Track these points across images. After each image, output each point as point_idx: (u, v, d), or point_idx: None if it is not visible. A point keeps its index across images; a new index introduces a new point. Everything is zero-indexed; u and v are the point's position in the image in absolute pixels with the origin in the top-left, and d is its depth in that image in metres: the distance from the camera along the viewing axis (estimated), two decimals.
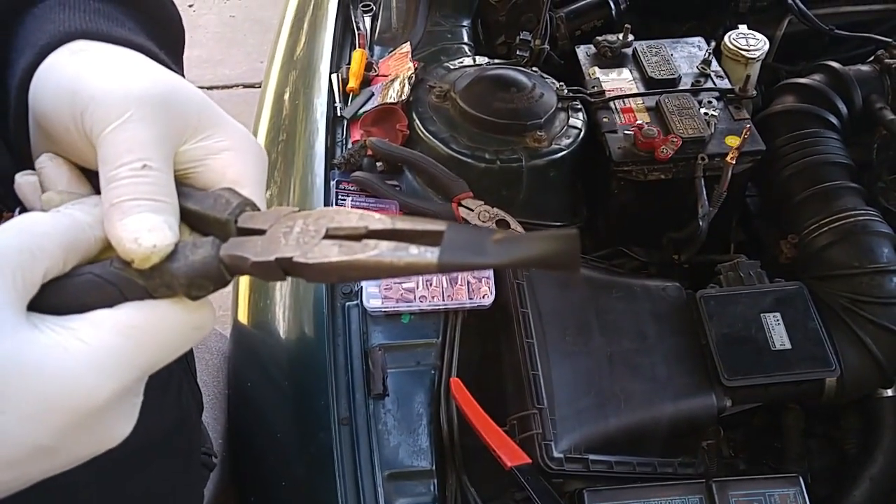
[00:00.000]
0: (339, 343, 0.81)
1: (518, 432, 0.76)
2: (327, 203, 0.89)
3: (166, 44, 0.45)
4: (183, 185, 0.37)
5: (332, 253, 0.31)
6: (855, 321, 0.83)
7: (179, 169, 0.37)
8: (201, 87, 0.39)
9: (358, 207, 0.89)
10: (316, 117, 1.02)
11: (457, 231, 0.31)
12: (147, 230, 0.32)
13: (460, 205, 0.89)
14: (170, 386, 0.60)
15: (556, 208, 0.98)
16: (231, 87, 2.76)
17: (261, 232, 0.33)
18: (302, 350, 0.83)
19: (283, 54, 1.21)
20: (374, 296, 0.82)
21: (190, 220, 0.36)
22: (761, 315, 0.83)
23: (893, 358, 0.84)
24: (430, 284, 0.83)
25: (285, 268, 0.32)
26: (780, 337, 0.82)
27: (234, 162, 0.37)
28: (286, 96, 1.12)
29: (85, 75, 0.35)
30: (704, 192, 0.91)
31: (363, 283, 0.83)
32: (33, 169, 0.38)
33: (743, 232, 1.07)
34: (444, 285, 0.83)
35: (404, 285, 0.84)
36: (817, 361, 0.81)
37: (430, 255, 0.30)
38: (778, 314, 0.83)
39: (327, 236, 0.32)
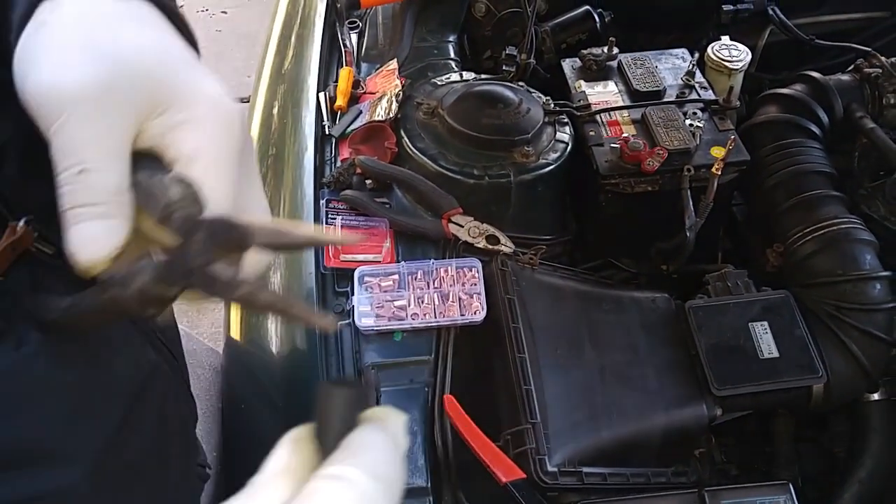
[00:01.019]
0: (333, 362, 0.81)
1: (512, 447, 0.77)
2: (317, 222, 0.90)
3: None
4: (158, 161, 0.37)
5: (210, 287, 0.35)
6: (840, 328, 0.85)
7: (145, 147, 0.36)
8: None
9: (348, 227, 0.90)
10: (304, 133, 1.03)
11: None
12: (83, 244, 0.33)
13: (450, 221, 0.90)
14: (167, 393, 0.60)
15: (545, 222, 0.99)
16: None
17: (178, 253, 0.35)
18: (295, 369, 0.84)
19: (272, 69, 1.22)
20: (365, 315, 0.83)
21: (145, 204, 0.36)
22: (749, 324, 0.85)
23: (878, 363, 0.85)
24: (422, 302, 0.84)
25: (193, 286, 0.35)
26: (767, 345, 0.83)
27: (192, 136, 0.36)
28: (275, 111, 1.13)
29: (32, 68, 0.35)
30: (691, 203, 0.92)
31: (355, 303, 0.83)
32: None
33: (730, 240, 1.08)
34: (436, 302, 0.84)
35: (396, 303, 0.84)
36: (804, 369, 0.82)
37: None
38: (765, 323, 0.84)
39: (218, 253, 0.35)
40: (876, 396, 0.89)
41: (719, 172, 0.89)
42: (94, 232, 0.33)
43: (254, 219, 0.35)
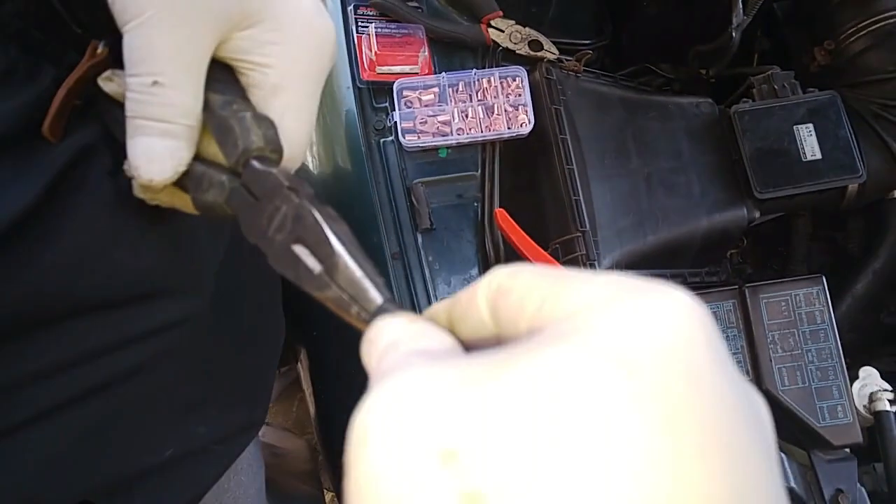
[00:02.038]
0: (381, 180, 0.80)
1: (562, 255, 0.79)
2: (346, 30, 0.83)
3: None
4: (235, 78, 0.34)
5: (289, 267, 0.30)
6: (882, 126, 0.85)
7: (231, 58, 0.33)
8: None
9: (380, 35, 0.83)
10: None
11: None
12: (147, 160, 0.31)
13: (489, 25, 0.84)
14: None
15: (585, 25, 0.93)
16: None
17: (256, 197, 0.32)
18: (346, 189, 0.82)
19: None
20: (409, 131, 0.80)
21: (219, 137, 0.34)
22: (794, 127, 0.84)
23: None
24: (467, 116, 0.81)
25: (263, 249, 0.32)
26: (811, 147, 0.84)
27: (279, 60, 0.33)
28: None
29: None
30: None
31: (396, 119, 0.80)
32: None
33: (767, 40, 1.04)
34: (481, 115, 0.81)
35: (440, 118, 0.81)
36: (845, 169, 0.83)
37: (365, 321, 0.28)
38: (810, 125, 0.84)
39: (296, 240, 0.30)
40: None
41: None
42: (160, 150, 0.31)
43: (337, 240, 0.29)
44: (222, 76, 0.34)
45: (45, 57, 0.36)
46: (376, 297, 0.28)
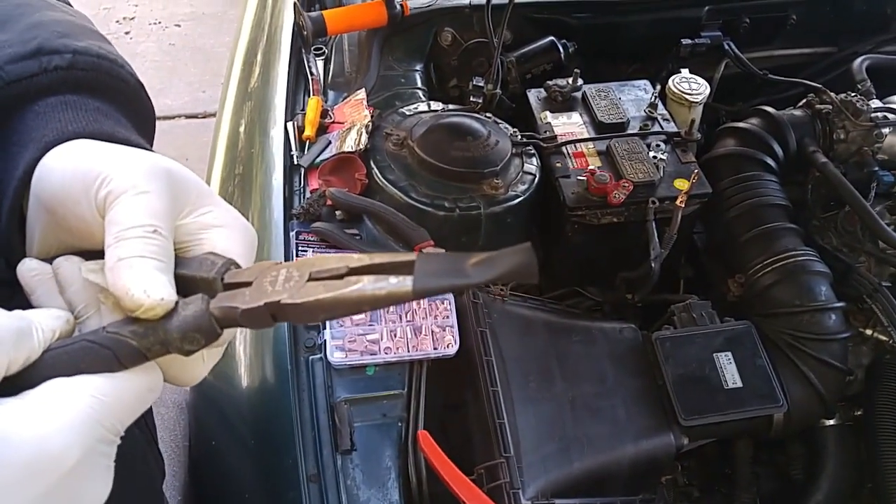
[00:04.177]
0: (304, 398, 0.80)
1: (486, 482, 0.77)
2: (287, 254, 0.89)
3: (148, 137, 0.47)
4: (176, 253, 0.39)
5: (318, 292, 0.33)
6: (798, 357, 0.88)
7: (176, 242, 0.38)
8: None
9: None
10: (273, 162, 1.01)
11: (427, 260, 0.33)
12: (154, 284, 0.35)
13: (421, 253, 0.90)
14: (135, 454, 0.59)
15: None
16: (173, 117, 2.70)
17: (247, 284, 0.36)
18: (266, 405, 0.82)
19: (238, 85, 1.20)
20: (337, 349, 0.82)
21: (178, 285, 0.37)
22: (714, 355, 0.87)
23: (834, 391, 0.89)
24: (395, 336, 0.84)
25: (273, 312, 0.34)
26: (731, 375, 0.86)
27: (226, 239, 0.40)
28: (241, 128, 1.11)
29: (98, 156, 0.38)
30: (656, 235, 0.94)
31: (326, 338, 0.82)
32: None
33: (691, 268, 1.11)
34: (409, 335, 0.84)
35: (368, 337, 0.84)
36: (766, 398, 0.85)
37: (408, 282, 0.32)
38: (729, 353, 0.87)
39: (311, 279, 0.34)
40: (831, 422, 0.93)
41: (683, 205, 0.92)
42: (162, 281, 0.35)
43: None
44: None
45: None
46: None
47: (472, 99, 1.09)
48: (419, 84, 1.15)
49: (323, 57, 1.19)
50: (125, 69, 0.46)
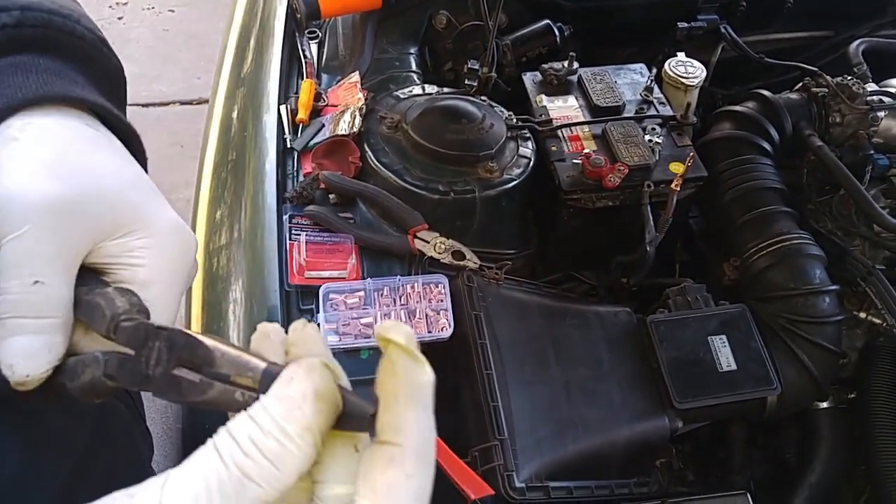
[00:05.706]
0: None
1: (480, 464, 0.77)
2: (280, 238, 0.88)
3: (112, 92, 0.45)
4: (100, 276, 0.37)
5: (173, 392, 0.33)
6: (793, 340, 0.88)
7: (98, 263, 0.37)
8: (136, 105, 0.40)
9: (312, 243, 0.88)
10: (266, 146, 1.01)
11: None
12: (24, 357, 0.33)
13: (416, 237, 0.89)
14: (120, 428, 0.58)
15: (509, 236, 1.00)
16: (167, 104, 2.68)
17: (129, 355, 0.34)
18: None
19: (231, 70, 1.19)
20: (331, 332, 0.82)
21: (87, 317, 0.36)
22: (708, 338, 0.87)
23: (827, 373, 0.89)
24: (389, 319, 0.83)
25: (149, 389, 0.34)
26: (726, 358, 0.86)
27: (149, 261, 0.37)
28: (234, 114, 1.10)
29: None
30: (651, 219, 0.94)
31: (319, 320, 0.82)
32: None
33: (686, 252, 1.11)
34: (403, 319, 0.84)
35: (362, 321, 0.83)
36: (760, 381, 0.85)
37: (252, 399, 0.31)
38: (724, 336, 0.87)
39: (178, 363, 0.33)
40: (825, 405, 0.93)
41: (678, 188, 0.91)
42: (36, 346, 0.33)
43: (210, 339, 0.33)
44: (87, 276, 0.37)
45: None
46: (258, 363, 0.31)
47: (466, 82, 1.08)
48: (413, 67, 1.14)
49: (317, 40, 1.18)
50: (81, 24, 0.42)
